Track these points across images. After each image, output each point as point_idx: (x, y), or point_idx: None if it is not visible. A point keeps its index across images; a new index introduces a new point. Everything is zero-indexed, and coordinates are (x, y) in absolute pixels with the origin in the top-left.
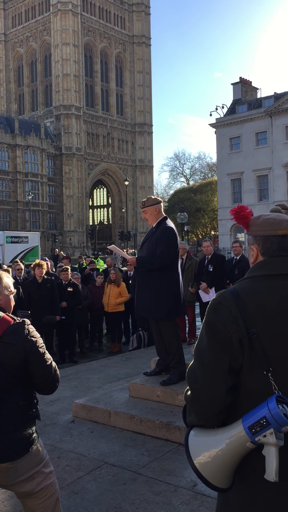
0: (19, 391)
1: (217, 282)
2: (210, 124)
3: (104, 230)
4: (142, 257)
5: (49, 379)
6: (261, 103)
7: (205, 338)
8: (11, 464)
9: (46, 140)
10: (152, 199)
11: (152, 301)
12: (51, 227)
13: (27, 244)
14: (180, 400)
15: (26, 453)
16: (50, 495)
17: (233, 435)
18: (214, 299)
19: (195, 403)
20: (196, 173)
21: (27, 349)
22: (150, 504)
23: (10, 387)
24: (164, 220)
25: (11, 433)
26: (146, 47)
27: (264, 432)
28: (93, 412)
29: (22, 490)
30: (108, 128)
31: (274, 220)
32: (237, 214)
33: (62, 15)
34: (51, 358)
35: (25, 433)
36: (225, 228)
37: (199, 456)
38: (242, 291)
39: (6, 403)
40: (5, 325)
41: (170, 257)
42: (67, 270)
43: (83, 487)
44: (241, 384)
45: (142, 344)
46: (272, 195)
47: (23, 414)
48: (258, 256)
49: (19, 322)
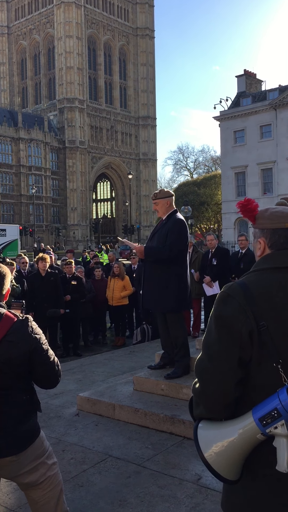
0: (21, 387)
1: (221, 276)
2: (214, 117)
3: (107, 224)
4: (151, 247)
5: (52, 375)
6: (266, 95)
7: (214, 331)
8: (15, 457)
9: (49, 134)
10: (165, 191)
11: (161, 294)
12: (55, 221)
13: (4, 237)
14: (185, 393)
15: (29, 446)
16: (53, 486)
17: (244, 427)
18: (223, 291)
19: (204, 395)
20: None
21: (31, 347)
22: (154, 497)
23: (14, 383)
24: (175, 213)
25: (15, 428)
26: (149, 40)
27: (276, 423)
28: (98, 406)
29: (26, 481)
30: (111, 121)
31: (282, 213)
32: (244, 207)
33: (66, 7)
34: (53, 354)
35: (28, 426)
36: (229, 221)
37: (209, 449)
38: (250, 283)
39: (10, 399)
40: (9, 323)
41: (179, 249)
42: (71, 263)
43: (87, 480)
44: (250, 377)
45: (146, 337)
46: (276, 188)
47: (25, 409)
48: (265, 249)
49: (22, 320)
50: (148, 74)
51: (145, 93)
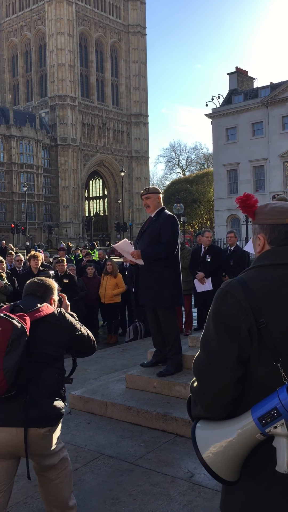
0: (56, 366)
1: (214, 273)
2: (206, 115)
3: (100, 222)
4: (147, 251)
5: (88, 346)
6: (257, 93)
7: (212, 328)
8: (48, 431)
9: (41, 131)
10: (155, 188)
11: (156, 289)
12: (47, 219)
13: None
14: (177, 391)
15: (58, 424)
16: (66, 466)
17: (243, 427)
18: (222, 288)
19: (203, 394)
20: (192, 164)
21: (70, 327)
22: (147, 495)
23: (51, 361)
24: (164, 210)
25: (48, 400)
26: (141, 37)
27: (275, 423)
28: (90, 404)
29: (48, 463)
30: (103, 118)
31: (282, 209)
32: (243, 202)
33: (57, 4)
34: (87, 330)
35: (58, 404)
36: (221, 219)
37: (208, 449)
38: (249, 280)
39: (46, 370)
40: (48, 310)
41: (175, 244)
42: (63, 261)
43: (80, 478)
44: (249, 375)
45: (139, 335)
46: (268, 185)
47: (57, 387)
48: (265, 245)
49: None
50: (140, 71)
51: (137, 91)
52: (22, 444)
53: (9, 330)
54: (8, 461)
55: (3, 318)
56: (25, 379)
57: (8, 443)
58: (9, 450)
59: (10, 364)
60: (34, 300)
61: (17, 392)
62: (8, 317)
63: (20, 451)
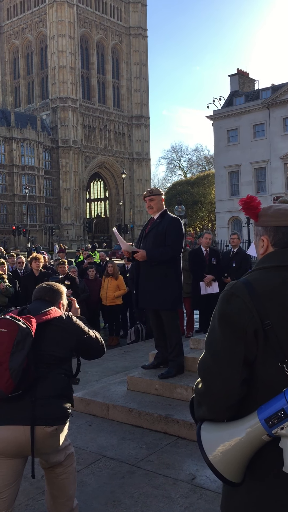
0: (63, 367)
1: (221, 276)
2: (208, 116)
3: (101, 223)
4: (153, 251)
5: (96, 349)
6: (259, 94)
7: (218, 330)
8: (56, 430)
9: (42, 133)
10: (158, 190)
11: (158, 292)
12: (48, 221)
13: None
14: (179, 393)
15: (65, 423)
16: (72, 462)
17: (249, 428)
18: (227, 290)
19: (208, 395)
20: (193, 166)
21: (78, 330)
22: (149, 497)
23: (58, 363)
24: (166, 212)
25: (55, 400)
26: (142, 39)
27: (282, 424)
28: (91, 406)
29: (55, 460)
30: (104, 120)
31: (286, 211)
32: (247, 204)
33: (58, 6)
34: (95, 332)
35: (65, 404)
36: (222, 221)
37: (214, 451)
38: (254, 281)
39: (54, 371)
40: (56, 314)
41: (181, 247)
42: (64, 263)
43: (81, 480)
44: (254, 376)
45: (140, 337)
46: (269, 187)
47: (63, 387)
48: (268, 247)
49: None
50: (141, 73)
51: (138, 92)
52: (29, 442)
53: (15, 331)
54: (15, 460)
55: (8, 320)
56: (32, 379)
57: (16, 441)
58: (16, 449)
59: (16, 364)
60: (42, 304)
61: (24, 392)
62: (13, 319)
63: (27, 449)
